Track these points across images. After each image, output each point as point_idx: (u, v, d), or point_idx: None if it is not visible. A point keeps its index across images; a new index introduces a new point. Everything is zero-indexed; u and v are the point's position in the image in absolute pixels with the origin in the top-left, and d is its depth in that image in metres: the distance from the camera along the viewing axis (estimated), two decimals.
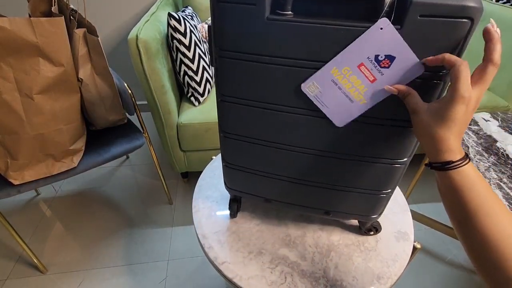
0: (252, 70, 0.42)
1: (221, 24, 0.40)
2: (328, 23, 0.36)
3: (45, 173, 0.93)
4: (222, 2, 0.38)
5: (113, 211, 1.38)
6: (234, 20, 0.38)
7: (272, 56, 0.40)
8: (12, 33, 0.73)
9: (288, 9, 0.37)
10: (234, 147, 0.53)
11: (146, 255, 1.20)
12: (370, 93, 0.39)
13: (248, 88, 0.45)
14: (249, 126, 0.49)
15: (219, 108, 0.50)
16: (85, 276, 1.13)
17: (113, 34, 1.77)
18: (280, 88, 0.43)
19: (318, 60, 0.39)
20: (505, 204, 0.75)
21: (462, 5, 0.32)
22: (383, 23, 0.34)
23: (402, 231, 0.63)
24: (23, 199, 1.42)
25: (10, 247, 1.22)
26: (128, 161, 1.67)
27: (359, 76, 0.38)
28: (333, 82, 0.40)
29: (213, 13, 0.39)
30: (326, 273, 0.55)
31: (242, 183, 0.59)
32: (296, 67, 0.40)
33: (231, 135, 0.52)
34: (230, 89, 0.46)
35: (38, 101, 0.83)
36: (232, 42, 0.41)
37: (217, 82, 0.46)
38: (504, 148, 0.93)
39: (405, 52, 0.35)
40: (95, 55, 0.90)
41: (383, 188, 0.51)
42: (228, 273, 0.55)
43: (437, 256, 1.21)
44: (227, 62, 0.43)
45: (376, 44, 0.35)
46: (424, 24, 0.33)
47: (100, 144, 1.06)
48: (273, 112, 0.46)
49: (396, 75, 0.37)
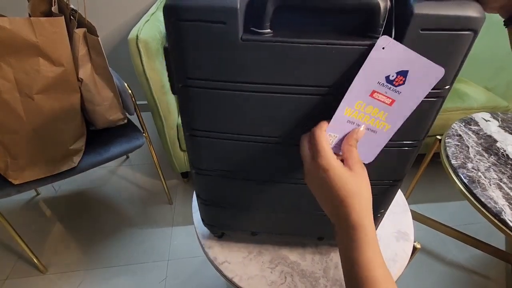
0: (225, 99, 0.36)
1: (183, 48, 0.33)
2: (314, 42, 0.31)
3: (45, 173, 0.93)
4: (183, 21, 0.30)
5: (113, 211, 1.38)
6: (201, 42, 0.32)
7: (250, 83, 0.34)
8: (12, 33, 0.73)
9: (267, 26, 0.31)
10: (210, 183, 0.48)
11: (146, 255, 1.20)
12: (393, 116, 0.35)
13: (222, 120, 0.39)
14: (226, 161, 0.43)
15: (188, 143, 0.43)
16: (85, 276, 1.13)
17: (113, 34, 1.77)
18: (260, 117, 0.38)
19: (305, 85, 0.34)
20: (505, 204, 0.75)
21: (466, 16, 0.29)
22: (384, 41, 0.30)
23: (402, 231, 0.63)
24: (23, 199, 1.42)
25: (10, 247, 1.22)
26: (128, 161, 1.66)
27: (375, 105, 0.34)
28: (350, 122, 0.35)
29: (172, 34, 0.32)
30: (326, 273, 0.55)
31: (223, 219, 0.54)
32: (279, 93, 0.35)
33: (206, 171, 0.46)
34: (199, 123, 0.39)
35: (38, 101, 0.83)
36: (199, 69, 0.34)
37: (182, 114, 0.40)
38: (504, 148, 0.93)
39: (417, 61, 0.31)
40: (95, 55, 0.90)
41: (378, 209, 0.50)
42: (228, 273, 0.55)
43: (437, 256, 1.21)
44: (193, 91, 0.36)
45: (383, 66, 0.32)
46: (425, 38, 0.30)
47: (100, 144, 1.06)
48: (253, 144, 0.40)
49: (415, 87, 0.33)
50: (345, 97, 0.33)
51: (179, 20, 0.31)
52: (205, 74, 0.34)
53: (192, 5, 0.30)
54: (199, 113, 0.39)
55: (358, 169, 0.34)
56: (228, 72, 0.34)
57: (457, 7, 0.29)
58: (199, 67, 0.34)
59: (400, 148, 0.40)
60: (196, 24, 0.30)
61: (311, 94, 0.35)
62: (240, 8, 0.30)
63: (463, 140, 0.96)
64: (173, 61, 0.35)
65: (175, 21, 0.31)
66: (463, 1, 0.30)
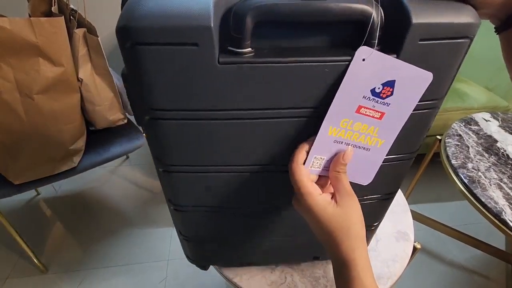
0: (201, 130, 0.32)
1: (146, 76, 0.27)
2: (301, 60, 0.27)
3: (45, 173, 0.93)
4: (142, 45, 0.25)
5: (113, 211, 1.38)
6: (168, 69, 0.27)
7: (228, 110, 0.30)
8: (12, 33, 0.73)
9: (247, 45, 0.27)
10: (190, 220, 0.43)
11: (146, 255, 1.20)
12: (385, 130, 0.32)
13: (198, 152, 0.34)
14: (205, 195, 0.39)
15: (164, 180, 0.38)
16: (85, 276, 1.13)
17: (113, 34, 1.75)
18: (242, 146, 0.34)
19: (290, 107, 0.31)
20: (506, 204, 0.75)
21: (463, 23, 0.27)
22: (364, 52, 0.27)
23: (402, 231, 0.63)
24: (23, 199, 1.42)
25: (10, 247, 1.22)
26: (128, 161, 1.66)
27: (364, 121, 0.31)
28: (337, 142, 0.32)
29: (130, 60, 0.27)
30: (326, 273, 0.55)
31: (209, 254, 0.51)
32: (261, 118, 0.31)
33: (184, 207, 0.41)
34: (174, 157, 0.35)
35: (38, 101, 0.83)
36: (168, 99, 0.29)
37: (152, 148, 0.35)
38: (505, 148, 0.93)
39: (403, 69, 0.29)
40: (95, 55, 0.90)
41: (372, 222, 0.49)
42: (228, 273, 0.55)
43: (437, 256, 1.21)
44: (164, 124, 0.31)
45: (366, 79, 0.29)
46: (423, 48, 0.28)
47: (100, 144, 1.06)
48: (234, 175, 0.36)
49: (405, 97, 0.31)
50: (327, 115, 0.31)
51: (137, 44, 0.25)
52: (175, 104, 0.29)
53: (153, 25, 0.24)
54: (171, 147, 0.34)
55: (346, 202, 0.32)
56: (202, 100, 0.29)
57: (453, 13, 0.27)
58: (168, 97, 0.29)
59: (394, 162, 0.38)
60: (161, 48, 0.25)
61: (297, 116, 0.32)
62: (214, 26, 0.25)
63: (463, 140, 0.96)
64: (134, 91, 0.30)
65: (132, 46, 0.25)
66: (457, 5, 0.28)
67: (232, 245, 0.48)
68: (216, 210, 0.41)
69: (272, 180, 0.38)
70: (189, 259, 0.54)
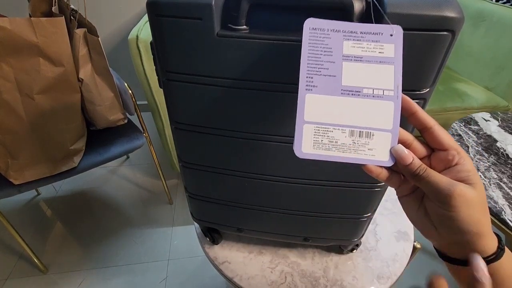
0: (204, 93, 0.37)
1: (164, 43, 0.34)
2: (288, 39, 0.31)
3: (46, 173, 0.93)
4: (162, 16, 0.32)
5: (113, 211, 1.38)
6: (179, 37, 0.33)
7: (226, 78, 0.35)
8: (12, 33, 0.73)
9: (242, 23, 0.32)
10: (196, 177, 0.48)
11: (146, 255, 1.20)
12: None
13: (204, 114, 0.39)
14: (210, 155, 0.44)
15: (174, 135, 0.44)
16: (85, 276, 1.13)
17: (114, 34, 1.77)
18: (242, 113, 0.38)
19: (281, 82, 0.34)
20: (505, 203, 0.75)
21: (442, 16, 0.28)
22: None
23: (402, 231, 0.63)
24: (24, 199, 1.42)
25: (10, 247, 1.22)
26: (128, 161, 1.67)
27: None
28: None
29: (154, 29, 0.34)
30: (326, 273, 0.56)
31: (210, 213, 0.55)
32: (255, 89, 0.35)
33: (191, 165, 0.46)
34: (183, 116, 0.40)
35: (38, 101, 0.83)
36: (179, 63, 0.35)
37: (167, 107, 0.41)
38: (504, 148, 0.93)
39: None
40: (96, 55, 0.91)
41: (363, 212, 0.49)
42: (228, 272, 0.55)
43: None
44: (175, 85, 0.37)
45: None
46: None
47: (101, 144, 1.06)
48: (235, 140, 0.40)
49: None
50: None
51: (159, 16, 0.32)
52: (184, 68, 0.35)
53: (171, 1, 0.31)
54: (181, 107, 0.39)
55: (476, 179, 0.27)
56: (205, 67, 0.35)
57: (433, 7, 0.28)
58: (179, 62, 0.35)
59: None
60: (174, 20, 0.32)
61: (288, 91, 0.35)
62: (216, 5, 0.31)
63: (463, 140, 0.96)
64: (156, 56, 0.36)
65: (156, 17, 0.32)
66: (442, 0, 0.28)
67: (229, 206, 0.51)
68: (216, 170, 0.46)
69: (265, 149, 0.41)
70: (193, 217, 0.57)
